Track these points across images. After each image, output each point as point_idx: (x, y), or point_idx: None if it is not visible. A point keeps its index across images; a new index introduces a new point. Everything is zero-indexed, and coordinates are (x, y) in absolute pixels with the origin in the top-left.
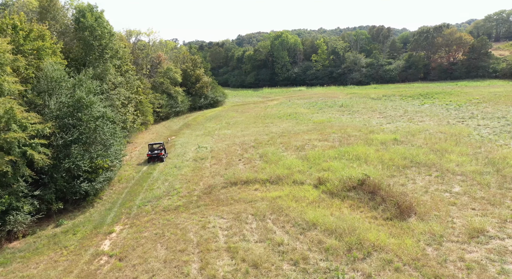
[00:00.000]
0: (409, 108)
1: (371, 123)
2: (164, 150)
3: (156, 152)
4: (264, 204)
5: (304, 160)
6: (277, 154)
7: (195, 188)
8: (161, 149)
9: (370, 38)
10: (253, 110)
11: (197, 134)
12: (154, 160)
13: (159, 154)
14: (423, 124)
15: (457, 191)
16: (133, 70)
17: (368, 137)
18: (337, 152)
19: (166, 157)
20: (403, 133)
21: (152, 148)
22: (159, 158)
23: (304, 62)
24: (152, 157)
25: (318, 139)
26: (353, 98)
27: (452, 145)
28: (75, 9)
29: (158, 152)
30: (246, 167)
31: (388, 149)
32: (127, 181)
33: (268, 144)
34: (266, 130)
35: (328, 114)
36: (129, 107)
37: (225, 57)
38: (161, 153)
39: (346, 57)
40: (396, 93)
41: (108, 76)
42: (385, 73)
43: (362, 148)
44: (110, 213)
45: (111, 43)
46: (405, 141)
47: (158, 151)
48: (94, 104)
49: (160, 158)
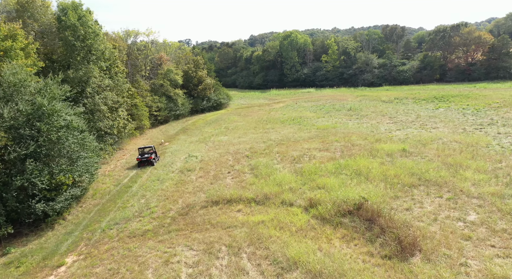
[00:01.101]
0: (422, 113)
1: (379, 130)
2: (155, 153)
3: (146, 156)
4: (243, 232)
5: (298, 175)
6: (270, 166)
7: (171, 208)
8: (151, 153)
9: (383, 37)
10: (256, 113)
11: (191, 140)
12: (144, 164)
13: (149, 158)
14: (436, 132)
15: (473, 220)
16: (123, 72)
17: (373, 148)
18: (337, 165)
19: (157, 161)
20: (413, 143)
21: (142, 152)
22: (149, 162)
23: (314, 63)
24: (142, 161)
25: (318, 149)
26: (363, 101)
27: (468, 157)
28: (58, 7)
29: (148, 156)
30: (233, 182)
31: (395, 162)
32: (101, 196)
33: (264, 154)
34: (265, 137)
35: (335, 119)
36: (119, 111)
37: (233, 57)
38: (151, 157)
39: (357, 58)
40: (409, 96)
41: (92, 79)
42: (398, 75)
43: (365, 160)
44: (69, 238)
45: (96, 44)
46: (414, 152)
47: (148, 155)
48: (58, 113)
49: (150, 162)
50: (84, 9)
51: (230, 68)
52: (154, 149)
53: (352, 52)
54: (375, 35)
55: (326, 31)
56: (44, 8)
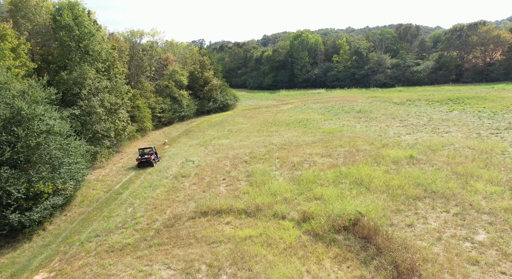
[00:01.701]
0: (434, 116)
1: (387, 133)
2: (156, 154)
3: (146, 156)
4: (227, 249)
5: (295, 183)
6: (268, 173)
7: (157, 218)
8: (151, 154)
9: (396, 37)
10: (262, 115)
11: (191, 144)
12: (144, 164)
13: (148, 159)
14: (448, 137)
15: (482, 240)
16: (123, 73)
17: (378, 154)
18: (337, 173)
19: (157, 162)
20: (422, 149)
21: (142, 153)
22: (149, 163)
23: (325, 63)
24: (142, 161)
25: (321, 154)
26: (374, 102)
27: (481, 166)
28: (54, 6)
29: (148, 157)
30: (227, 190)
31: (400, 170)
32: (89, 204)
33: (263, 159)
34: (267, 141)
35: (342, 121)
36: (118, 113)
37: (244, 58)
38: (151, 157)
39: (369, 58)
40: (422, 98)
41: (88, 80)
42: (412, 75)
43: (368, 168)
44: (45, 251)
45: (92, 44)
46: (422, 160)
47: (148, 156)
48: (39, 117)
49: (150, 162)
50: (81, 9)
51: (240, 69)
52: (154, 149)
53: (364, 52)
54: (389, 34)
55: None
56: (39, 8)
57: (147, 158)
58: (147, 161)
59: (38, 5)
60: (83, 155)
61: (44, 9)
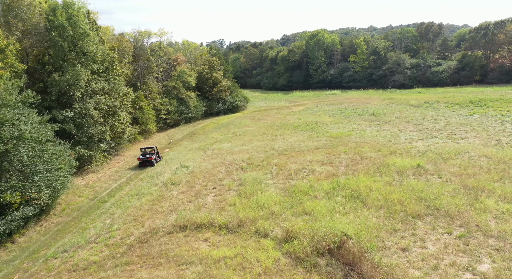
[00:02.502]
0: (452, 120)
1: (398, 139)
2: (158, 154)
3: (147, 156)
4: (196, 272)
5: (287, 195)
6: (260, 183)
7: (133, 232)
8: (152, 153)
9: (417, 36)
10: (271, 117)
11: (192, 147)
12: (145, 164)
13: (149, 159)
14: (464, 143)
15: (485, 271)
16: (122, 75)
17: (383, 163)
18: (334, 183)
19: (159, 162)
20: (432, 157)
21: (144, 152)
22: (150, 162)
23: (341, 63)
24: (143, 161)
25: (321, 162)
26: (389, 105)
27: (495, 179)
28: (49, 6)
29: (149, 157)
30: (214, 201)
31: (403, 182)
32: (69, 213)
33: (260, 166)
34: (269, 146)
35: (353, 125)
36: (116, 116)
37: (259, 58)
38: (152, 157)
39: (388, 58)
40: (441, 100)
41: (81, 82)
42: (433, 76)
43: (368, 179)
44: (5, 268)
45: (86, 45)
46: (430, 170)
47: (149, 155)
48: (9, 122)
49: (150, 162)
50: (76, 8)
51: (255, 69)
52: (156, 149)
53: (383, 52)
54: (409, 33)
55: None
56: (32, 8)
57: (148, 158)
58: (148, 160)
59: (31, 5)
60: (68, 161)
61: (38, 9)
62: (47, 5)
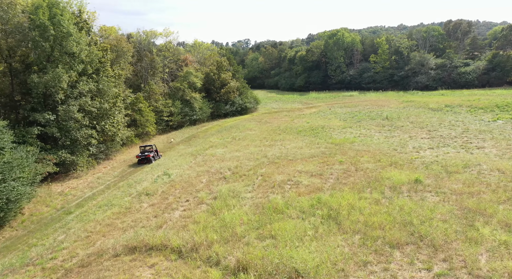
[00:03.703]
0: (472, 126)
1: (406, 147)
2: (157, 152)
3: (145, 153)
4: None
5: (259, 212)
6: (236, 196)
7: (78, 253)
8: (151, 151)
9: (444, 34)
10: (278, 120)
11: (184, 152)
12: (143, 161)
13: (147, 156)
14: (478, 154)
15: None
16: (115, 76)
17: (378, 176)
18: (315, 200)
19: (157, 159)
20: (436, 170)
21: (143, 150)
22: (148, 160)
23: (361, 64)
24: (142, 158)
25: (311, 173)
26: (407, 108)
27: (501, 199)
28: (32, 5)
29: (147, 154)
30: (180, 216)
31: (393, 200)
32: (27, 225)
33: (245, 176)
34: (263, 153)
35: (362, 130)
36: (108, 119)
37: (278, 58)
38: (149, 155)
39: (411, 58)
40: (464, 103)
41: (63, 84)
42: (459, 77)
43: (354, 196)
44: None
45: (69, 45)
46: (429, 186)
47: (147, 153)
48: None
49: (148, 159)
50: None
51: (274, 69)
52: (154, 147)
53: (405, 52)
54: (434, 32)
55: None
56: (13, 6)
57: (146, 155)
58: (146, 158)
59: (12, 3)
60: (32, 169)
61: (20, 8)
62: (31, 4)
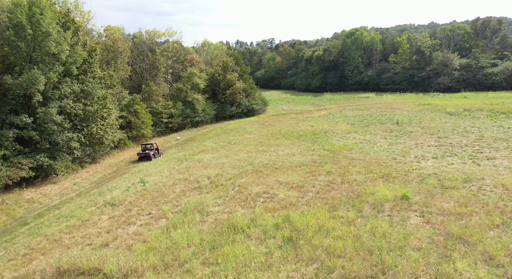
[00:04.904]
0: (488, 133)
1: (407, 156)
2: (157, 150)
3: (146, 151)
4: None
5: (215, 231)
6: (201, 210)
7: (2, 276)
8: (151, 149)
9: (471, 33)
10: (282, 123)
11: (172, 157)
12: (144, 159)
13: (147, 154)
14: (486, 166)
15: None
16: (105, 77)
17: (363, 190)
18: (282, 218)
19: (157, 157)
20: (431, 185)
21: (145, 148)
22: (148, 157)
23: (380, 64)
24: (142, 156)
25: (292, 184)
26: (422, 112)
27: (494, 224)
28: (12, 3)
29: (147, 152)
30: (134, 232)
31: (369, 221)
32: None
33: (222, 186)
34: (251, 160)
35: (367, 135)
36: (95, 121)
37: (295, 58)
38: (150, 152)
39: (433, 58)
40: (486, 107)
41: (39, 85)
42: (485, 78)
43: (327, 214)
44: None
45: (47, 45)
46: (417, 203)
47: (148, 151)
48: None
49: (148, 157)
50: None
51: (291, 69)
52: (155, 146)
53: (427, 51)
54: (460, 30)
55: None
56: None
57: (146, 153)
58: (146, 155)
59: None
60: None
61: None
62: (11, 2)
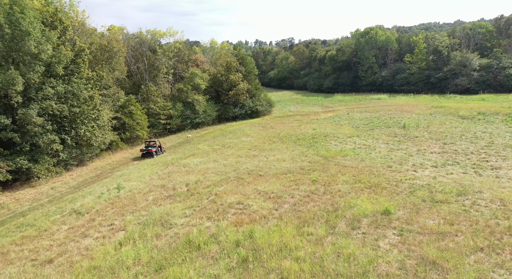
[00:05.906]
0: (499, 139)
1: (404, 164)
2: (160, 147)
3: (148, 148)
4: None
5: (169, 248)
6: (165, 222)
7: None
8: (154, 146)
9: (493, 32)
10: (284, 126)
11: (159, 161)
12: (146, 155)
13: (149, 150)
14: (488, 177)
15: None
16: (94, 78)
17: (343, 203)
18: (245, 235)
19: (160, 154)
20: (419, 197)
21: (148, 145)
22: (150, 154)
23: (395, 64)
24: (144, 153)
25: (269, 194)
26: (432, 115)
27: (477, 246)
28: None
29: (150, 149)
30: (86, 247)
31: (339, 240)
32: None
33: (198, 194)
34: (237, 165)
35: (369, 140)
36: (81, 122)
37: (309, 57)
38: (152, 149)
39: (451, 58)
40: (503, 110)
41: (16, 87)
42: (507, 79)
43: (295, 231)
44: None
45: (26, 46)
46: (399, 219)
47: (150, 148)
48: None
49: (150, 153)
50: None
51: (304, 69)
52: (158, 143)
53: (445, 51)
54: (481, 29)
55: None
56: None
57: (148, 149)
58: (149, 152)
59: None
60: None
61: None
62: None
